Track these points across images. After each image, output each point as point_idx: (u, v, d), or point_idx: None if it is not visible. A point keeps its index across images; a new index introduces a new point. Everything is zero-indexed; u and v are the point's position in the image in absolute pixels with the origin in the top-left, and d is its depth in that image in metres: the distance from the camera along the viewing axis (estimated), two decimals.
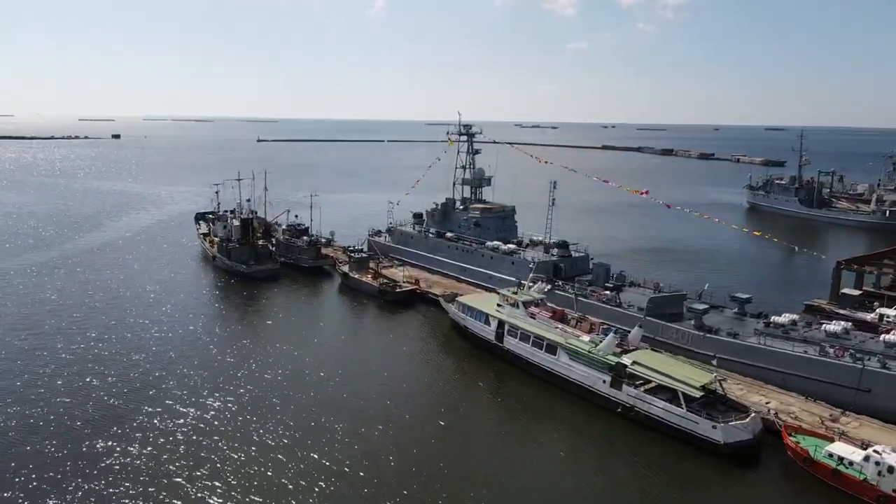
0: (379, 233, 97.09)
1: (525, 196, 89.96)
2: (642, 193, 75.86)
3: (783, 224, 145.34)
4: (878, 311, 62.70)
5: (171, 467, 38.72)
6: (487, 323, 58.31)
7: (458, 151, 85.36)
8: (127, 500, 35.53)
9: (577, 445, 43.64)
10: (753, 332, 52.46)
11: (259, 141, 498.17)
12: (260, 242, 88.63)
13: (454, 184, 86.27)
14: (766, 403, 46.70)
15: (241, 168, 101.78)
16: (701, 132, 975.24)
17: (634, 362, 46.66)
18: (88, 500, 35.58)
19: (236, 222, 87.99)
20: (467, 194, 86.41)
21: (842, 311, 68.33)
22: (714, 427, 41.31)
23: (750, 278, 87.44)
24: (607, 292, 63.33)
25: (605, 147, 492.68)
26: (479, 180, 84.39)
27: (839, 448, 38.61)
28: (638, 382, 46.10)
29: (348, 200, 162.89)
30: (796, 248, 73.73)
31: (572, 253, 73.28)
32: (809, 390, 47.89)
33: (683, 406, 42.90)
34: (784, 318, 53.50)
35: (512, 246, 75.18)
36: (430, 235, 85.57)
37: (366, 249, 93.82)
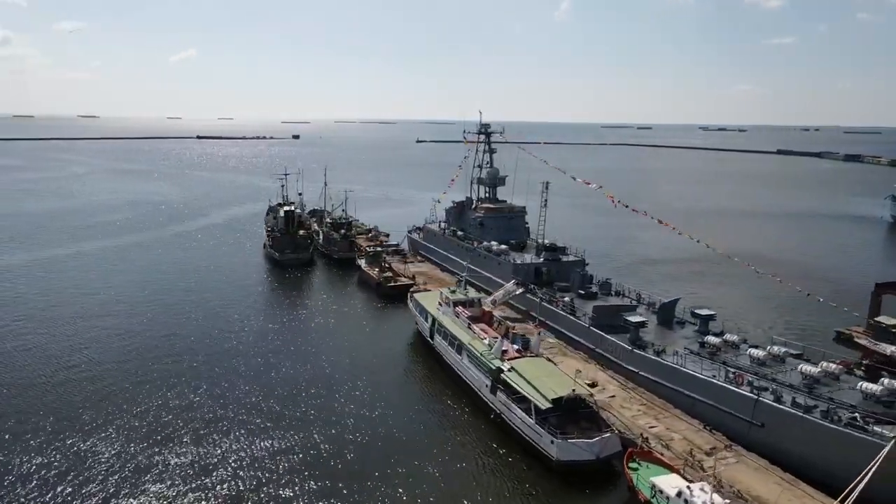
0: (419, 230, 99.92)
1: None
2: (611, 198, 71.07)
3: None
4: None
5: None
6: (426, 320, 59.00)
7: (476, 151, 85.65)
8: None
9: (448, 450, 42.38)
10: (681, 351, 47.90)
11: (418, 142, 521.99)
12: (301, 233, 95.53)
13: (471, 183, 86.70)
14: (651, 427, 42.83)
15: (380, 165, 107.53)
16: None
17: (511, 369, 45.07)
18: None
19: (281, 214, 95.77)
20: (485, 194, 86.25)
21: (861, 342, 59.97)
22: (552, 442, 39.10)
23: (787, 297, 77.71)
24: (566, 299, 60.74)
25: (780, 152, 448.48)
26: (493, 180, 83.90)
27: (663, 481, 34.83)
28: (512, 390, 44.52)
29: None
30: (799, 289, 62.54)
31: (562, 257, 70.64)
32: (710, 418, 43.08)
33: (533, 417, 40.97)
34: (718, 340, 48.14)
35: (504, 247, 74.23)
36: (447, 234, 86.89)
37: (403, 245, 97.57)
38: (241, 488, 37.00)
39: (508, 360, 46.49)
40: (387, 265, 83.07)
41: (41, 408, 46.06)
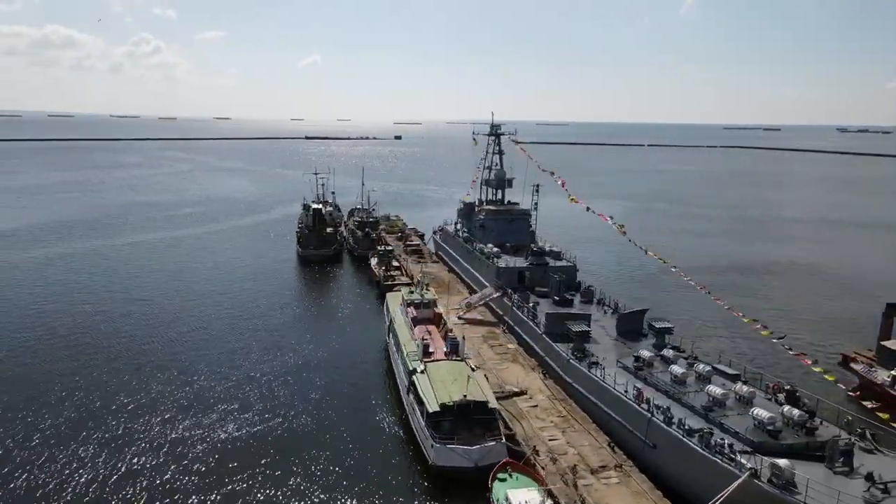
0: (442, 230, 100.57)
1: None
2: (575, 200, 68.02)
3: None
4: (892, 372, 49.85)
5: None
6: (387, 319, 59.80)
7: (487, 151, 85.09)
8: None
9: (348, 447, 42.71)
10: (607, 363, 45.83)
11: (515, 143, 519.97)
12: (327, 231, 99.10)
13: (480, 184, 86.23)
14: (551, 440, 41.32)
15: (465, 165, 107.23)
16: None
17: (423, 371, 44.96)
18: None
19: (311, 212, 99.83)
20: (492, 196, 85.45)
21: (856, 367, 54.90)
22: (432, 446, 38.87)
23: (803, 313, 71.57)
24: (530, 305, 59.35)
25: None
26: (500, 182, 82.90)
27: (517, 494, 33.79)
28: (416, 391, 44.42)
29: None
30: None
31: (550, 262, 68.85)
32: (616, 435, 41.06)
33: (423, 420, 40.84)
34: (649, 354, 45.43)
35: (496, 249, 73.41)
36: (456, 235, 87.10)
37: (426, 245, 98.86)
38: (132, 466, 39.80)
39: (428, 361, 46.38)
40: (396, 264, 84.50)
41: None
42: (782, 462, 29.21)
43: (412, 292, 59.24)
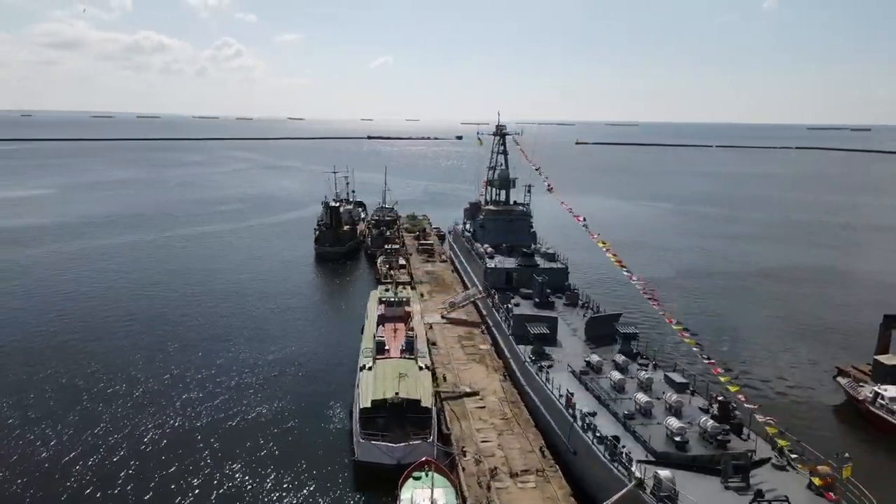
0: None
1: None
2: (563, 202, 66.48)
3: None
4: (874, 388, 47.41)
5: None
6: (364, 316, 60.61)
7: (492, 151, 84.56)
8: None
9: (290, 439, 43.97)
10: (566, 369, 45.01)
11: (577, 143, 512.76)
12: (344, 228, 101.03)
13: (486, 184, 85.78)
14: (484, 441, 41.01)
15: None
16: None
17: (370, 368, 45.50)
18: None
19: (329, 209, 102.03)
20: (496, 196, 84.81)
21: (842, 382, 52.02)
22: (359, 441, 39.36)
23: (815, 321, 67.52)
24: (506, 306, 58.82)
25: None
26: (503, 182, 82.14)
27: (421, 493, 33.86)
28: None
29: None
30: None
31: (539, 263, 67.97)
32: (548, 440, 40.40)
33: (355, 416, 41.39)
34: (598, 359, 44.33)
35: (490, 250, 72.96)
36: (462, 235, 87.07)
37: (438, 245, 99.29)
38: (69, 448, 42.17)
39: (380, 359, 46.97)
40: (402, 263, 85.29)
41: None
42: (663, 473, 28.18)
43: (387, 290, 59.91)
